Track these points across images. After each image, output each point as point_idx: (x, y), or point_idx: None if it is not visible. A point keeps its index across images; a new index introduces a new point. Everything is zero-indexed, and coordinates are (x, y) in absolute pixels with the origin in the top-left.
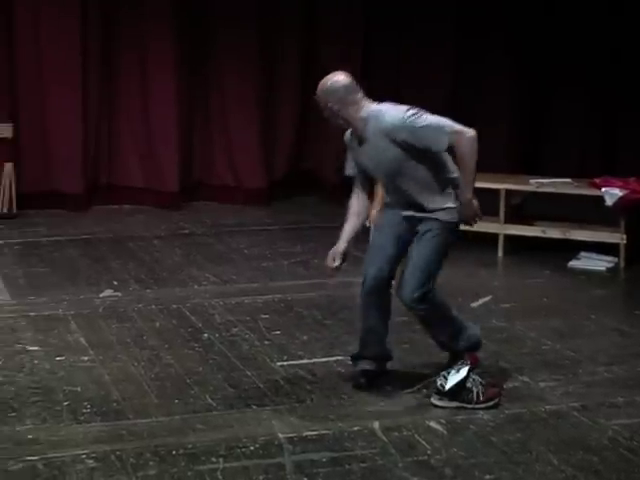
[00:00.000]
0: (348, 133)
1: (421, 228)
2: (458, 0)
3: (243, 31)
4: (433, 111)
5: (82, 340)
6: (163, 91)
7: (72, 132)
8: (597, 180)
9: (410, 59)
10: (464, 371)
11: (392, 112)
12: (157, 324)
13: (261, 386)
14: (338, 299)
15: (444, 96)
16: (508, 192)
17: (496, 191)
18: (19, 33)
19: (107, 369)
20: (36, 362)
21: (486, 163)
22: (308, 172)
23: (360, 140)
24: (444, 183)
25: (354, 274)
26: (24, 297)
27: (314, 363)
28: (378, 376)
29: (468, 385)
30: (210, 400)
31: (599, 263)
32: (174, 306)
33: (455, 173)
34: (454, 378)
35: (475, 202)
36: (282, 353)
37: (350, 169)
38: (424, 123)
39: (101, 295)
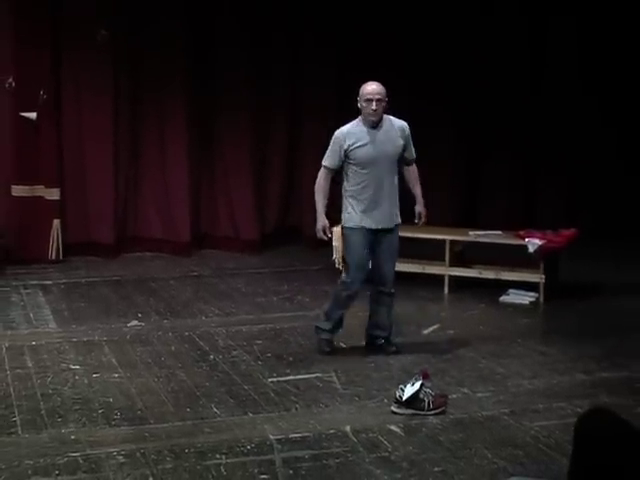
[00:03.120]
0: (346, 131)
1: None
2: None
3: (241, 112)
4: None
5: (113, 360)
6: (178, 161)
7: (105, 194)
8: (521, 232)
9: None
10: (418, 384)
11: (397, 119)
12: (173, 348)
13: (256, 397)
14: None
15: None
16: (452, 242)
17: (442, 241)
18: (65, 112)
19: (133, 384)
20: (77, 378)
21: (434, 216)
22: (292, 227)
23: (375, 129)
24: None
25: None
26: (68, 326)
27: (298, 379)
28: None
29: (421, 396)
30: (215, 409)
31: (524, 298)
32: (186, 333)
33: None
34: (410, 390)
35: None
36: (272, 371)
37: (337, 162)
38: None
39: (128, 325)
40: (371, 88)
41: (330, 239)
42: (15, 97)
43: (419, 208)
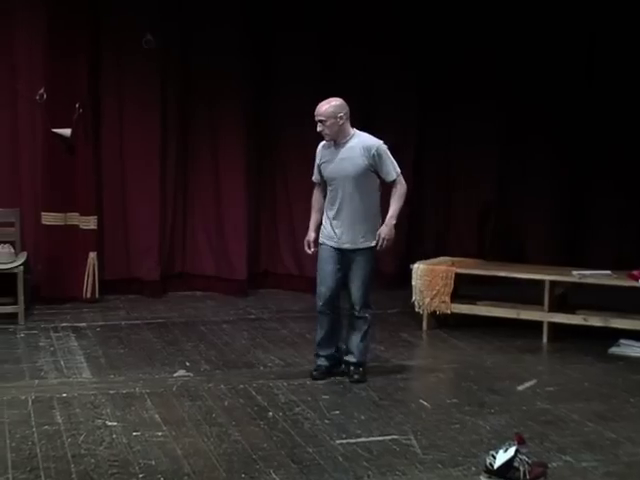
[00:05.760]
0: (321, 146)
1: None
2: (503, 98)
3: (305, 132)
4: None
5: (156, 417)
6: (233, 187)
7: (150, 224)
8: (635, 272)
9: (459, 154)
10: (512, 450)
11: (371, 136)
12: (226, 403)
13: (321, 462)
14: (393, 381)
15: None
16: (552, 283)
17: (541, 282)
18: (103, 129)
19: (179, 444)
20: (114, 436)
21: (531, 252)
22: None
23: (337, 147)
24: (372, 216)
25: (409, 357)
26: (104, 375)
27: (371, 441)
28: (329, 372)
29: (515, 464)
30: (274, 475)
31: (638, 350)
32: (241, 386)
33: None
34: (502, 457)
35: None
36: (341, 431)
37: (316, 176)
38: (389, 155)
39: (175, 375)
40: (316, 109)
41: (312, 254)
42: (47, 111)
43: (380, 229)
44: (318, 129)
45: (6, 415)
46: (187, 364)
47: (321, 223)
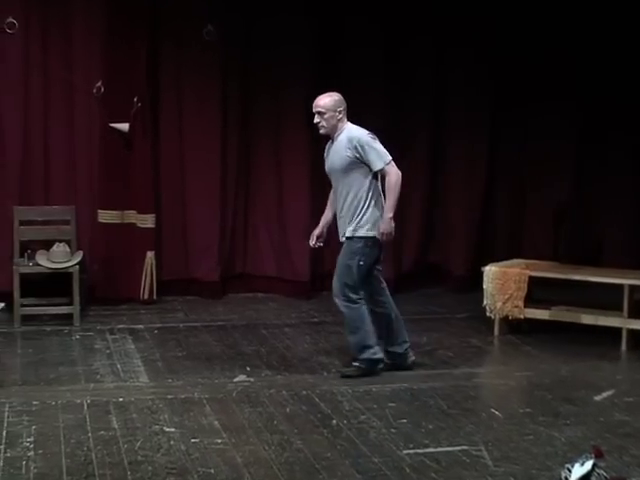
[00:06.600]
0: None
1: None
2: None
3: (373, 126)
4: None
5: (216, 423)
6: (296, 186)
7: (209, 222)
8: None
9: (535, 157)
10: (589, 464)
11: (358, 128)
12: (287, 409)
13: (388, 473)
14: (463, 389)
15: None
16: (632, 287)
17: (620, 286)
18: (162, 124)
19: (239, 452)
20: (172, 443)
21: (609, 255)
22: (434, 265)
23: (332, 142)
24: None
25: (479, 364)
26: (162, 380)
27: (439, 452)
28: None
29: (593, 479)
30: None
31: None
32: (304, 392)
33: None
34: (579, 471)
35: (392, 222)
36: (408, 441)
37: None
38: (374, 145)
39: (235, 380)
40: (315, 101)
41: (314, 247)
42: (105, 105)
43: (380, 223)
44: (315, 120)
45: (61, 419)
46: (247, 369)
47: (330, 220)
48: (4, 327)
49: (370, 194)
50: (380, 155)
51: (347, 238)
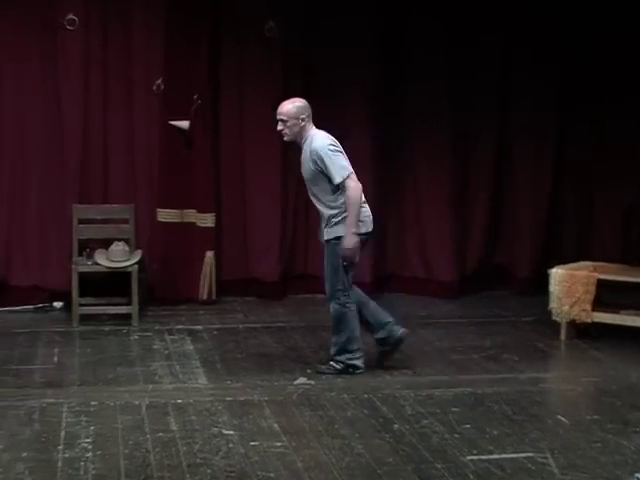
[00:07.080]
0: None
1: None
2: None
3: (437, 125)
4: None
5: (275, 426)
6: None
7: (270, 222)
8: None
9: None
10: None
11: (321, 138)
12: (348, 413)
13: (450, 479)
14: (528, 394)
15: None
16: None
17: None
18: (223, 122)
19: (299, 456)
20: (231, 446)
21: None
22: (499, 267)
23: (301, 148)
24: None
25: (545, 369)
26: (221, 381)
27: (504, 458)
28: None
29: None
30: None
31: None
32: (365, 396)
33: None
34: None
35: (354, 237)
36: (472, 447)
37: None
38: (334, 158)
39: (295, 383)
40: (279, 108)
41: None
42: (164, 102)
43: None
44: (278, 128)
45: (119, 420)
46: (308, 371)
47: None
48: (62, 326)
49: (341, 201)
50: (337, 170)
51: (326, 241)
